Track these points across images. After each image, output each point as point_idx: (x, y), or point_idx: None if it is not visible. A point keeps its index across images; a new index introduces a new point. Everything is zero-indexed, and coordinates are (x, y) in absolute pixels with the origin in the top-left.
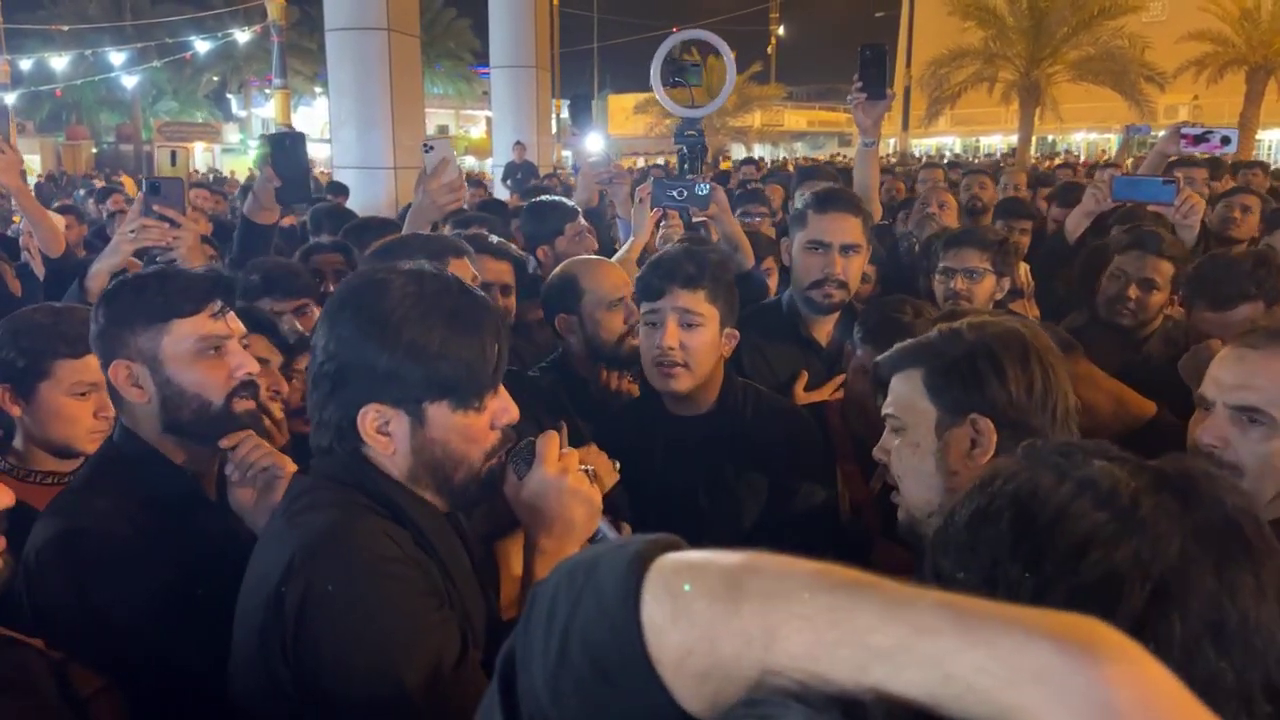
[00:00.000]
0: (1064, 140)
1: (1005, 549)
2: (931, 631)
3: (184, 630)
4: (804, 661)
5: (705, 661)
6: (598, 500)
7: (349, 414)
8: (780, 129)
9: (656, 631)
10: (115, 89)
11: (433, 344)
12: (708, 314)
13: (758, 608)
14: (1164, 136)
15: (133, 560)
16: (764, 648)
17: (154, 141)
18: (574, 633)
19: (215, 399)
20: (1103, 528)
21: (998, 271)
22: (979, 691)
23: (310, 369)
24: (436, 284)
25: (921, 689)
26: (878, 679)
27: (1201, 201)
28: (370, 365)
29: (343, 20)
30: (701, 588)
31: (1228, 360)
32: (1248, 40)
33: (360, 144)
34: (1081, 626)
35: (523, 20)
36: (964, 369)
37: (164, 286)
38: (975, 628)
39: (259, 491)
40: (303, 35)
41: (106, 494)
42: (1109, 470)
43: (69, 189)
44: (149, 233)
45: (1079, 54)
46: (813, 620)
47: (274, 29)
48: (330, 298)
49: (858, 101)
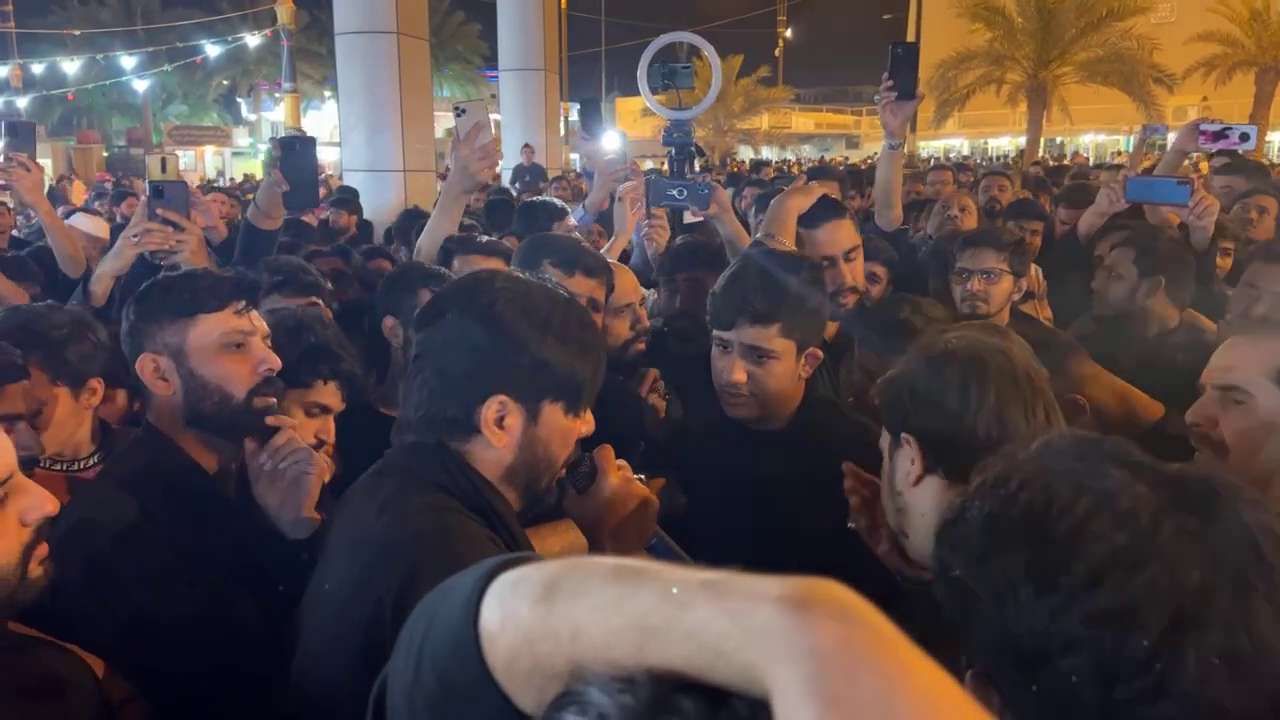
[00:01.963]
0: (1072, 142)
1: (1018, 568)
2: (690, 606)
3: (199, 629)
4: (600, 650)
5: (528, 662)
6: (655, 506)
7: (472, 404)
8: (787, 131)
9: (490, 640)
10: (126, 93)
11: (570, 349)
12: (781, 348)
13: (564, 606)
14: (1181, 133)
15: (148, 556)
16: (570, 642)
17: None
18: (425, 651)
19: (237, 393)
20: (1121, 553)
21: (1014, 272)
22: (724, 655)
23: (419, 362)
24: (571, 297)
25: (685, 660)
26: (653, 657)
27: (1216, 203)
28: (509, 359)
29: (352, 24)
30: (524, 593)
31: (1222, 348)
32: (1257, 41)
33: (370, 147)
34: (805, 584)
35: (531, 23)
36: (899, 390)
37: (191, 284)
38: (723, 597)
39: (286, 484)
40: (312, 39)
41: (125, 488)
42: (1128, 484)
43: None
44: (153, 236)
45: (1087, 55)
46: (604, 610)
47: (283, 33)
48: (456, 296)
49: (886, 101)
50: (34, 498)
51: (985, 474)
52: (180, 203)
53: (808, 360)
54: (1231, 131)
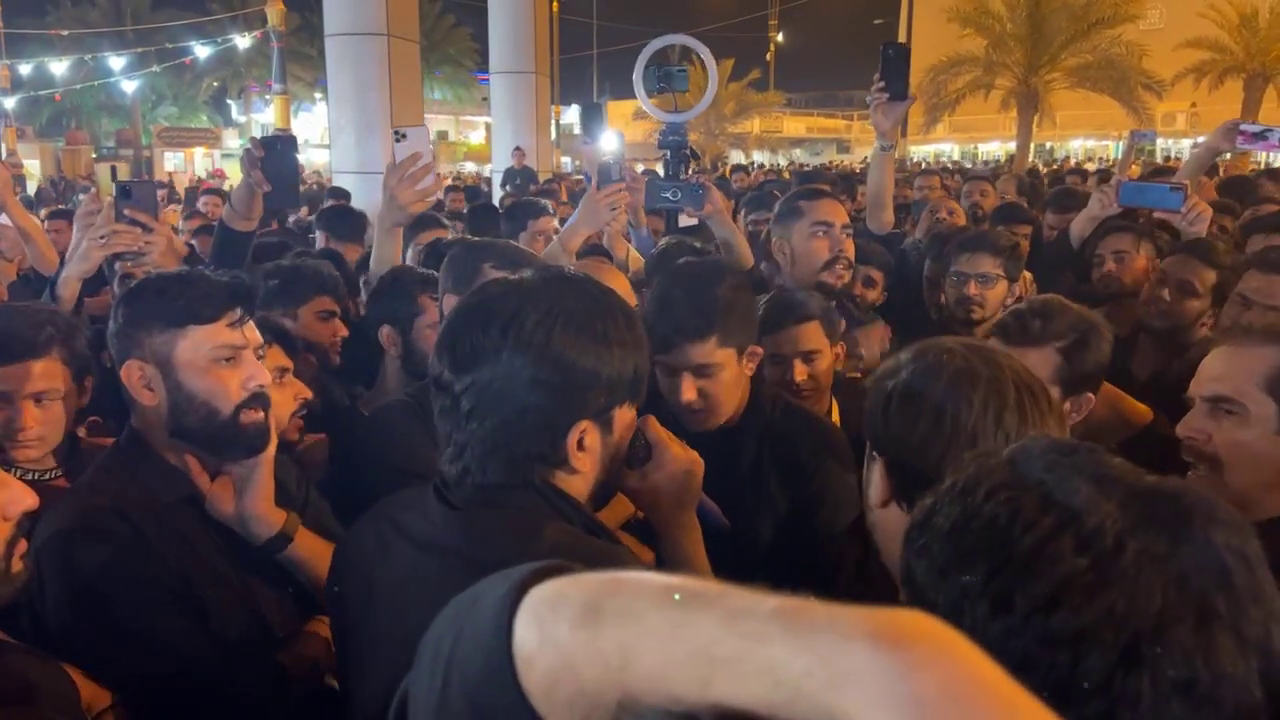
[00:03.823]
0: (1062, 147)
1: (976, 583)
2: (765, 639)
3: (179, 638)
4: (657, 681)
5: (570, 689)
6: (702, 468)
7: (556, 438)
8: (779, 135)
9: (526, 662)
10: (115, 94)
11: (629, 350)
12: (722, 358)
13: (613, 629)
14: (1217, 132)
15: (127, 564)
16: (620, 669)
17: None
18: (454, 669)
19: (224, 408)
20: (1080, 576)
21: (1009, 277)
22: (806, 696)
23: (478, 408)
24: (604, 288)
25: (758, 698)
26: (720, 693)
27: (1208, 209)
28: (583, 386)
29: (343, 25)
30: (564, 613)
31: (1210, 357)
32: (1246, 47)
33: (359, 149)
34: (897, 620)
35: (522, 26)
36: (878, 401)
37: (185, 291)
38: (803, 632)
39: (236, 491)
40: (302, 41)
41: (105, 495)
42: (1096, 501)
43: (68, 195)
44: (120, 238)
45: (1077, 61)
46: (661, 637)
47: (274, 34)
48: (499, 331)
49: (878, 102)
50: (14, 491)
51: (957, 475)
52: (149, 203)
53: (749, 359)
54: (1272, 134)
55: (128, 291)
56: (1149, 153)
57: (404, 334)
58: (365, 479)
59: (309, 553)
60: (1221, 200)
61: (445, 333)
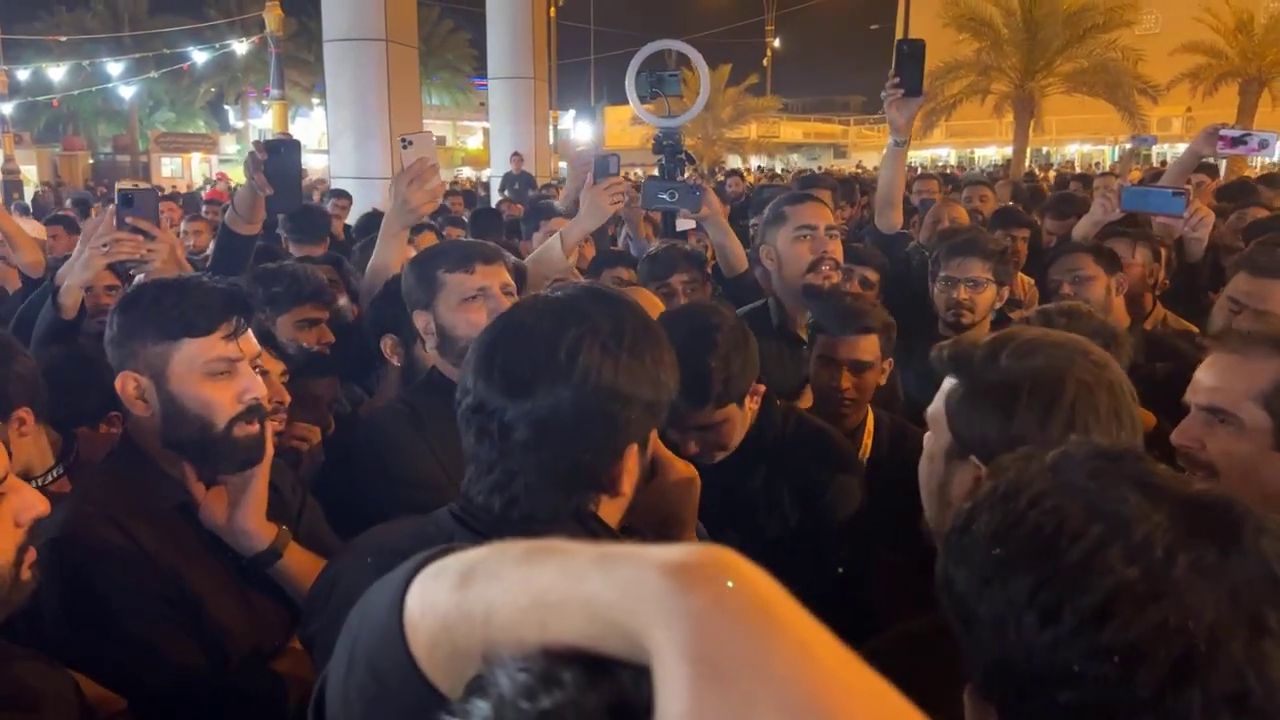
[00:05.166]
0: (1058, 152)
1: (1022, 595)
2: (584, 578)
3: (173, 646)
4: (510, 630)
5: (447, 648)
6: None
7: (604, 466)
8: (776, 141)
9: (413, 628)
10: (112, 100)
11: (668, 366)
12: (724, 415)
13: (479, 590)
14: (1199, 138)
15: (121, 572)
16: (484, 624)
17: (150, 151)
18: (358, 646)
19: (218, 422)
20: (1130, 588)
21: (999, 281)
22: (613, 625)
23: (534, 430)
24: (637, 309)
25: (580, 634)
26: (554, 633)
27: (1211, 214)
28: (640, 404)
29: (341, 31)
30: (444, 580)
31: (1206, 364)
32: (1241, 52)
33: (358, 154)
34: (691, 550)
35: (520, 32)
36: (983, 404)
37: (180, 301)
38: (613, 568)
39: (230, 502)
40: (300, 47)
41: (100, 503)
42: (1144, 511)
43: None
44: (122, 246)
45: (1073, 66)
46: (513, 590)
47: (272, 40)
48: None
49: (893, 98)
50: (27, 497)
51: (997, 479)
52: (150, 211)
53: (753, 398)
54: (1251, 138)
55: (123, 300)
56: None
57: (407, 343)
58: (361, 484)
59: (299, 569)
60: (1220, 205)
61: (487, 355)
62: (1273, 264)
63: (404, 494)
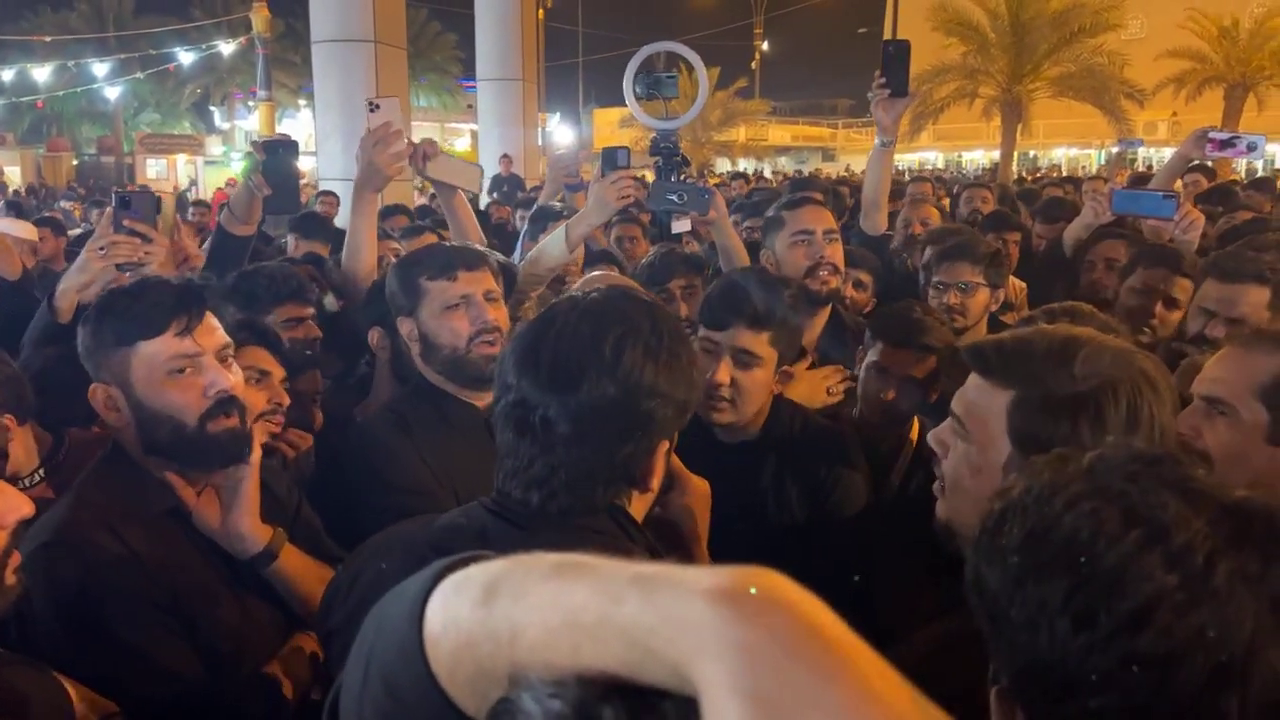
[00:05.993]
0: (1045, 156)
1: (1056, 597)
2: (621, 601)
3: (165, 652)
4: (539, 652)
5: (470, 667)
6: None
7: (638, 462)
8: (764, 144)
9: (433, 644)
10: (97, 100)
11: (694, 364)
12: (767, 356)
13: (505, 607)
14: (1187, 141)
15: (112, 577)
16: (510, 644)
17: (135, 153)
18: (373, 658)
19: (188, 420)
20: (1169, 595)
21: (991, 284)
22: (654, 653)
23: (577, 425)
24: (663, 312)
25: (617, 660)
26: (588, 658)
27: (1201, 217)
28: (674, 402)
29: (329, 32)
30: (466, 594)
31: (1215, 357)
32: (1226, 57)
33: (345, 156)
34: (738, 574)
35: (509, 34)
36: (1058, 414)
37: (130, 306)
38: (651, 592)
39: (222, 505)
40: (287, 48)
41: (91, 508)
42: (1184, 517)
43: (49, 202)
44: (119, 249)
45: (1059, 70)
46: (542, 609)
47: (258, 41)
48: (585, 355)
49: (879, 99)
50: (10, 500)
51: (1031, 480)
52: (148, 213)
53: (781, 378)
54: (1239, 141)
55: (87, 312)
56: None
57: (394, 337)
58: (353, 490)
59: (294, 570)
60: (1203, 208)
61: (529, 352)
62: (1239, 268)
63: (396, 500)
